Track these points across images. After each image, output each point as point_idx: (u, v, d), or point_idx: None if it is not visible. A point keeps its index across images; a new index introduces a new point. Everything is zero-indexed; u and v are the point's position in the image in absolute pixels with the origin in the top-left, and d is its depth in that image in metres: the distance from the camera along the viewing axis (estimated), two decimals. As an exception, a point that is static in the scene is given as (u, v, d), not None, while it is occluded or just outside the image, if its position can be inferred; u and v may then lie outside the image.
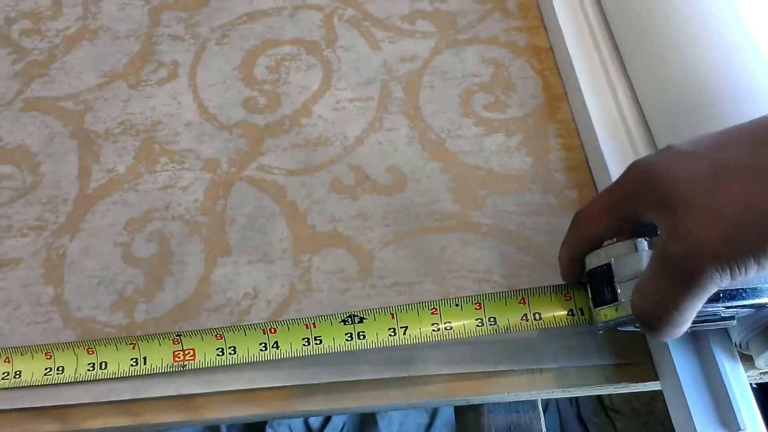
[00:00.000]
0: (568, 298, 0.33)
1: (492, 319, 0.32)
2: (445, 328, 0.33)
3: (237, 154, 0.43)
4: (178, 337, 0.34)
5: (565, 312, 0.33)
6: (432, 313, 0.33)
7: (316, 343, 0.33)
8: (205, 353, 0.34)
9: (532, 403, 0.36)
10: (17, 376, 0.34)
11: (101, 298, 0.38)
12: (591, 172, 0.42)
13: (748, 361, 0.34)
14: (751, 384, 0.35)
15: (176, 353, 0.34)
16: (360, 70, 0.47)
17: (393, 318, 0.33)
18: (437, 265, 0.39)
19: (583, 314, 0.32)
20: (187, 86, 0.46)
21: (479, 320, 0.32)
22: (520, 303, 0.33)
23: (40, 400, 0.34)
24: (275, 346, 0.33)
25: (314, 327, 0.33)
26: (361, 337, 0.33)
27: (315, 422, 0.87)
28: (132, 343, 0.34)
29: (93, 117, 0.45)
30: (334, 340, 0.33)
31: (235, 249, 0.39)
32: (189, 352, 0.34)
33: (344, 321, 0.33)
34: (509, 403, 0.36)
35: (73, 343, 0.35)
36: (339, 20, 0.50)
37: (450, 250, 0.39)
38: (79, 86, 0.46)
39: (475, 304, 0.33)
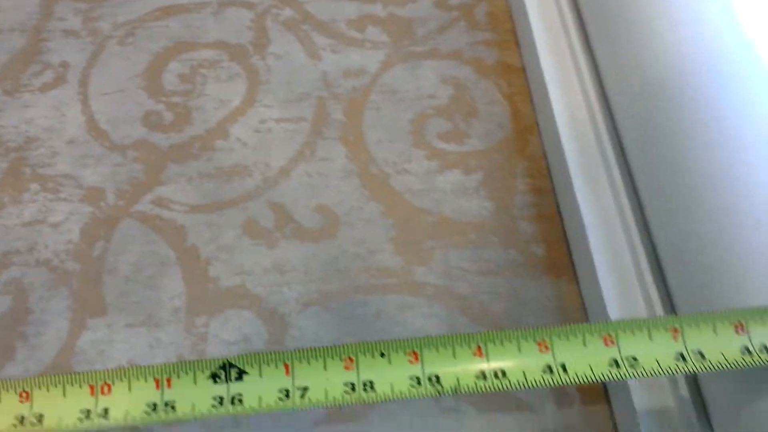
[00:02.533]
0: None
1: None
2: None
3: (129, 183, 0.35)
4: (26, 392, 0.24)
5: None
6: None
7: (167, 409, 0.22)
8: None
9: None
10: None
11: (-71, 368, 0.29)
12: (563, 223, 0.34)
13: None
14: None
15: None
16: (293, 83, 0.39)
17: (288, 373, 0.22)
18: (368, 336, 0.31)
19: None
20: (75, 94, 0.37)
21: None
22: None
23: None
24: (103, 414, 0.22)
25: (168, 386, 0.23)
26: (237, 402, 0.22)
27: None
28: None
29: (-49, 128, 0.36)
30: (194, 407, 0.22)
31: (112, 308, 0.31)
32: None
33: (215, 377, 0.23)
34: None
35: None
36: (273, 21, 0.41)
37: (385, 317, 0.31)
38: (-59, 88, 0.37)
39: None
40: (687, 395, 0.27)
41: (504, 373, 0.22)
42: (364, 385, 0.23)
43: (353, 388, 0.22)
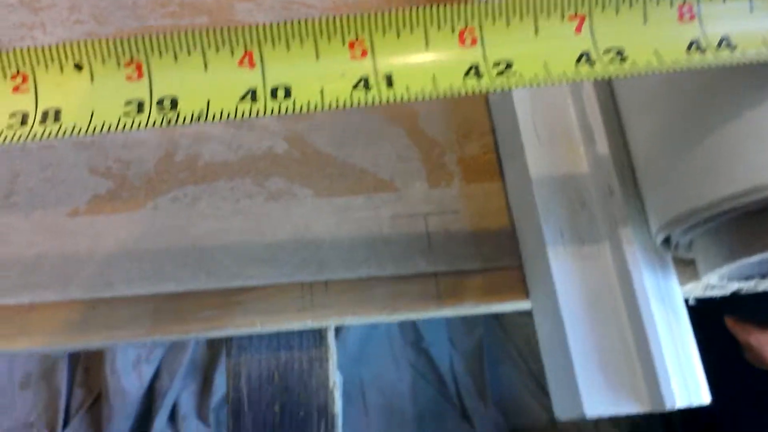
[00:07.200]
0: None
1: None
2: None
3: None
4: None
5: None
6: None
7: None
8: None
9: (316, 335, 0.21)
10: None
11: None
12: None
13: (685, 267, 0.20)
14: (686, 300, 0.21)
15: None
16: None
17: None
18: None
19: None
20: None
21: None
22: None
23: None
24: None
25: None
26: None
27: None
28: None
29: None
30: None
31: None
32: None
33: None
34: (276, 335, 0.21)
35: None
36: None
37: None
38: None
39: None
40: (606, 154, 0.19)
41: (288, 92, 0.13)
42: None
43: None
